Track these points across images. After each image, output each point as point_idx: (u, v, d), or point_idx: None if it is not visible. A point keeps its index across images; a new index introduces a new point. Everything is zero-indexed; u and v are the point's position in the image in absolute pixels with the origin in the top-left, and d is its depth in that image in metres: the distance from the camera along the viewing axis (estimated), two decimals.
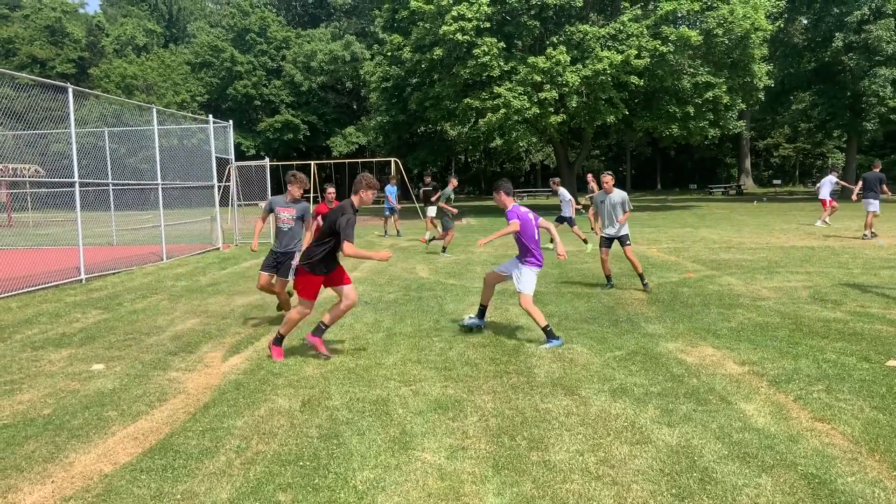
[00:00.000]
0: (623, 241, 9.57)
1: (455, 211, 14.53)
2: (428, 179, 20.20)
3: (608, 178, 9.66)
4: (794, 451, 3.91)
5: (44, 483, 3.75)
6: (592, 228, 19.49)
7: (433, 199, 17.51)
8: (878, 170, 16.73)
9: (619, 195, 9.58)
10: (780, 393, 4.92)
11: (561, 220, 15.83)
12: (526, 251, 6.64)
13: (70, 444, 4.29)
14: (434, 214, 16.66)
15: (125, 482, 3.72)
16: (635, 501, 3.38)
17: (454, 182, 15.27)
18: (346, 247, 5.82)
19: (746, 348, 6.15)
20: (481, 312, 7.19)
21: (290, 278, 7.39)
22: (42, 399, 5.19)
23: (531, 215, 6.71)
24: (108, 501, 3.52)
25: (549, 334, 6.41)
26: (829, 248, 13.90)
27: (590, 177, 20.35)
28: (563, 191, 16.17)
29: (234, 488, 3.61)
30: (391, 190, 20.61)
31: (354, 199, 6.05)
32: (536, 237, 6.67)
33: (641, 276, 9.49)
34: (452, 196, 14.94)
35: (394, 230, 21.12)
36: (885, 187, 16.40)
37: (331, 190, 10.03)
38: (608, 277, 9.83)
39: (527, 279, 6.57)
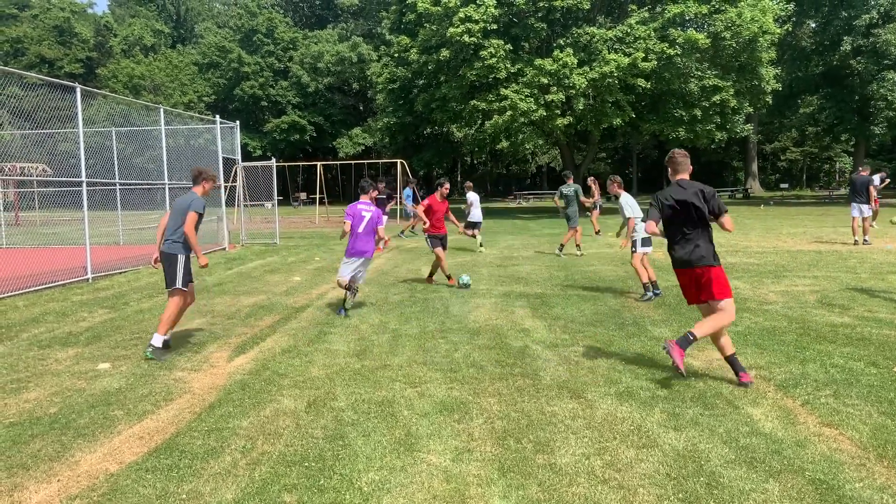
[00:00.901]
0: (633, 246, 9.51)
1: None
2: (381, 186, 19.52)
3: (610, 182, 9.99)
4: (801, 456, 3.89)
5: (50, 482, 3.75)
6: (597, 232, 19.57)
7: (387, 209, 17.28)
8: (866, 174, 16.38)
9: (622, 198, 9.70)
10: (788, 398, 4.89)
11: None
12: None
13: (76, 442, 4.30)
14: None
15: (131, 481, 3.73)
16: None
17: (446, 187, 11.30)
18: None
19: (753, 352, 6.12)
20: None
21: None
22: (48, 398, 5.20)
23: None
24: (113, 500, 3.52)
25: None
26: (837, 253, 13.83)
27: (590, 180, 20.46)
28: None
29: (240, 489, 3.61)
30: (408, 193, 20.51)
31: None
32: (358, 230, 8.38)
33: (647, 286, 9.12)
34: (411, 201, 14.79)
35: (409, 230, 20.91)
36: (872, 190, 15.88)
37: (447, 185, 11.14)
38: (645, 286, 9.14)
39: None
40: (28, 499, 3.56)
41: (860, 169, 16.87)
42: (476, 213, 16.54)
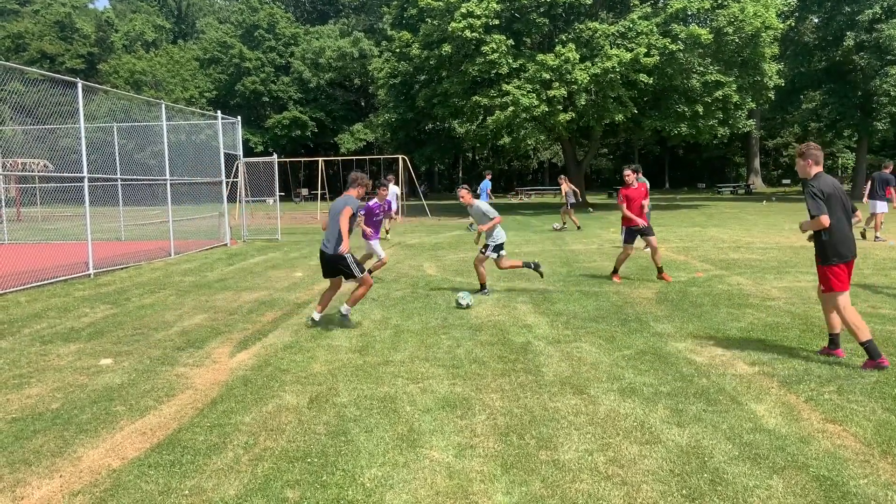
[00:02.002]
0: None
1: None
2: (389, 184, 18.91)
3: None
4: (805, 452, 3.87)
5: (52, 477, 3.75)
6: (565, 224, 19.98)
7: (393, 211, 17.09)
8: (888, 171, 16.26)
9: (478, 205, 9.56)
10: (791, 394, 4.88)
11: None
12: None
13: (78, 438, 4.30)
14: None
15: (133, 477, 3.72)
16: (645, 502, 3.35)
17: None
18: None
19: (756, 348, 6.10)
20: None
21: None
22: (50, 393, 5.19)
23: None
24: (116, 496, 3.51)
25: None
26: None
27: (561, 178, 20.92)
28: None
29: (242, 484, 3.61)
30: (486, 185, 20.13)
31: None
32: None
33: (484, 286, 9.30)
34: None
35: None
36: (890, 190, 15.80)
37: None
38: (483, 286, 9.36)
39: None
40: (30, 494, 3.55)
41: (884, 165, 16.75)
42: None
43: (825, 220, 5.36)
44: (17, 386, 5.39)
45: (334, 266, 7.29)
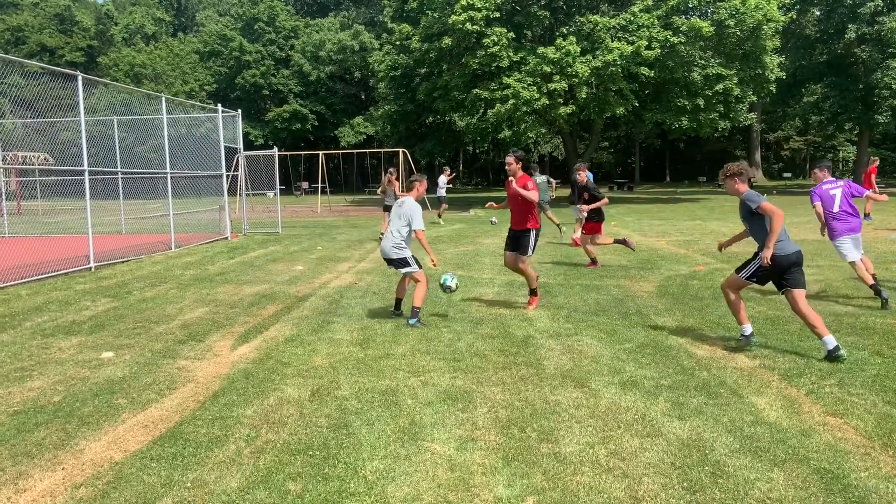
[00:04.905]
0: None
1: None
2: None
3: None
4: (806, 445, 3.88)
5: (54, 470, 3.76)
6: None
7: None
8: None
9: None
10: (792, 387, 4.88)
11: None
12: None
13: (80, 431, 4.30)
14: None
15: (135, 470, 3.73)
16: (646, 494, 3.36)
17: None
18: None
19: (757, 341, 6.10)
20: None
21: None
22: (52, 386, 5.20)
23: None
24: (118, 489, 3.52)
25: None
26: None
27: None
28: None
29: (244, 477, 3.61)
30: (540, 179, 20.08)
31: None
32: None
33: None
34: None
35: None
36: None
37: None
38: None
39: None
40: (33, 487, 3.56)
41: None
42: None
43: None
44: (18, 379, 5.40)
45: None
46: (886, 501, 3.28)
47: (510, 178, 7.65)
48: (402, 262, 7.20)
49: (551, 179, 19.47)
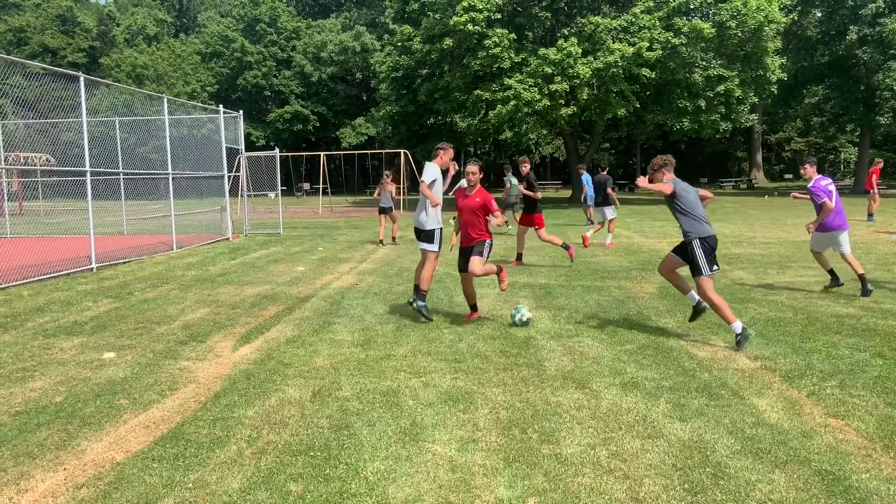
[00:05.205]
0: None
1: None
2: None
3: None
4: (807, 447, 3.88)
5: (56, 470, 3.76)
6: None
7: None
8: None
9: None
10: (793, 388, 4.88)
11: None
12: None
13: (82, 431, 4.31)
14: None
15: (137, 470, 3.73)
16: (648, 496, 3.36)
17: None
18: None
19: (758, 343, 6.10)
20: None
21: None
22: (54, 387, 5.21)
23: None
24: (120, 489, 3.53)
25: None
26: None
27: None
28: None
29: (245, 478, 3.62)
30: (587, 178, 19.96)
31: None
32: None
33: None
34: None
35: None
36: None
37: None
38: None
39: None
40: (35, 487, 3.57)
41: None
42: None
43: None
44: (20, 379, 5.41)
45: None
46: (888, 503, 3.28)
47: (464, 188, 7.28)
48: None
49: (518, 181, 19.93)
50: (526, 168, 12.35)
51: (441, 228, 7.44)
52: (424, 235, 7.36)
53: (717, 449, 3.87)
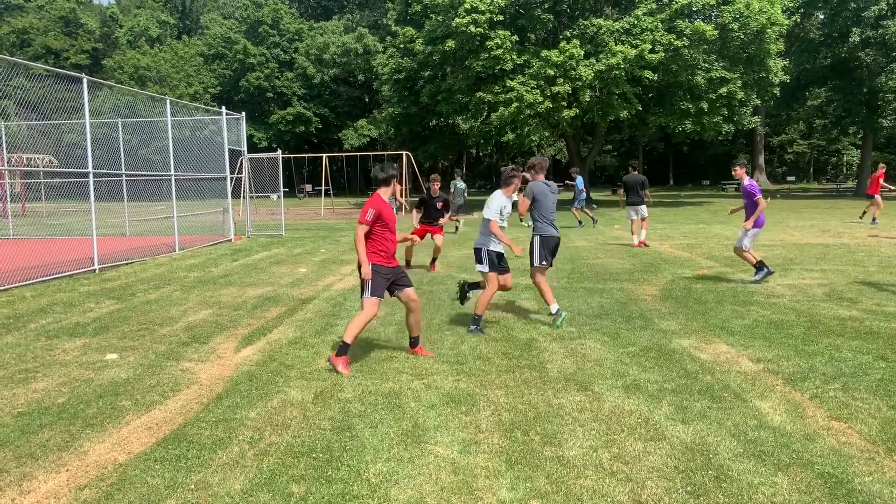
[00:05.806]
0: None
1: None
2: (436, 185, 19.39)
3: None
4: (810, 449, 3.87)
5: (58, 471, 3.76)
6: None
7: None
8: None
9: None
10: (796, 391, 4.87)
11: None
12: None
13: (84, 432, 4.31)
14: None
15: (139, 471, 3.74)
16: (650, 498, 3.36)
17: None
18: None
19: (761, 346, 6.09)
20: None
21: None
22: (56, 388, 5.21)
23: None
24: (122, 490, 3.53)
25: None
26: (845, 246, 13.77)
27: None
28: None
29: (248, 479, 3.62)
30: (580, 181, 20.26)
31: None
32: None
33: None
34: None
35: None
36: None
37: None
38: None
39: None
40: (37, 488, 3.57)
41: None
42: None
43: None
44: (23, 380, 5.42)
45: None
46: None
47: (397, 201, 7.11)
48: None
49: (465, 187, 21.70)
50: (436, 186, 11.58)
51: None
52: (475, 255, 6.93)
53: (719, 451, 3.86)
